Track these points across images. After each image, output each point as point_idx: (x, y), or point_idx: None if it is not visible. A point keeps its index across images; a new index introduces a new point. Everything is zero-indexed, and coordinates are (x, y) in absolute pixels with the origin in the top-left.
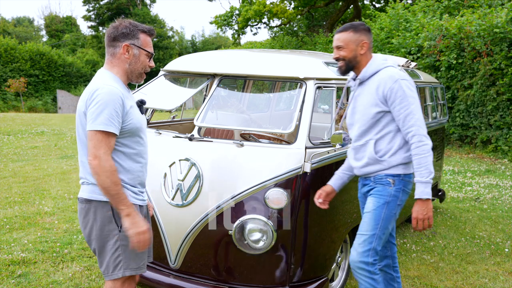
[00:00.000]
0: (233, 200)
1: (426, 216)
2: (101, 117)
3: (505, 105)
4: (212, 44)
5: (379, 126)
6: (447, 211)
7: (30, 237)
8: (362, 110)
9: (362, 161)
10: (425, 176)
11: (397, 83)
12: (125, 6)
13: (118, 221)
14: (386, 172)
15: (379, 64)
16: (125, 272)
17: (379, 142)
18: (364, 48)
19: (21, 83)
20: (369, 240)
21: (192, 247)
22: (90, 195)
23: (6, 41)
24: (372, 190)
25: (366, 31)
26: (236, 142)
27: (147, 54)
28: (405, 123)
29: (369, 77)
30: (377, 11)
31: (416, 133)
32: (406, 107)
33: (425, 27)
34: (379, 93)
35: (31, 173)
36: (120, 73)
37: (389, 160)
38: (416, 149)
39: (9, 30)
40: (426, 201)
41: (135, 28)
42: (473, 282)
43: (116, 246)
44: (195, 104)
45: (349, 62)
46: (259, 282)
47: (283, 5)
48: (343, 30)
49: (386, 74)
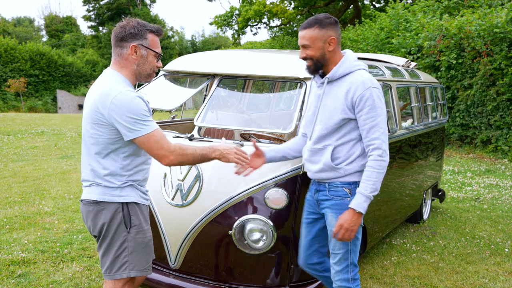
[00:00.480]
0: (233, 200)
1: (352, 227)
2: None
3: (505, 105)
4: (212, 44)
5: (340, 132)
6: (447, 211)
7: (30, 237)
8: (327, 113)
9: (317, 165)
10: (369, 190)
11: (368, 91)
12: (125, 6)
13: (128, 223)
14: (341, 180)
15: (351, 65)
16: (131, 273)
17: (338, 149)
18: (332, 45)
19: (21, 83)
20: (344, 257)
21: (192, 247)
22: (101, 197)
23: (6, 41)
24: (329, 203)
25: (333, 25)
26: (236, 142)
27: (155, 54)
28: (369, 134)
29: (338, 78)
30: (377, 11)
31: (378, 147)
32: (373, 118)
33: (425, 27)
34: (347, 99)
35: (31, 173)
36: (129, 75)
37: (345, 168)
38: (373, 162)
39: (9, 30)
40: (358, 214)
41: (143, 28)
42: (473, 282)
43: (123, 247)
44: (195, 104)
45: (317, 62)
46: (259, 282)
47: (283, 5)
48: (307, 27)
49: (358, 79)
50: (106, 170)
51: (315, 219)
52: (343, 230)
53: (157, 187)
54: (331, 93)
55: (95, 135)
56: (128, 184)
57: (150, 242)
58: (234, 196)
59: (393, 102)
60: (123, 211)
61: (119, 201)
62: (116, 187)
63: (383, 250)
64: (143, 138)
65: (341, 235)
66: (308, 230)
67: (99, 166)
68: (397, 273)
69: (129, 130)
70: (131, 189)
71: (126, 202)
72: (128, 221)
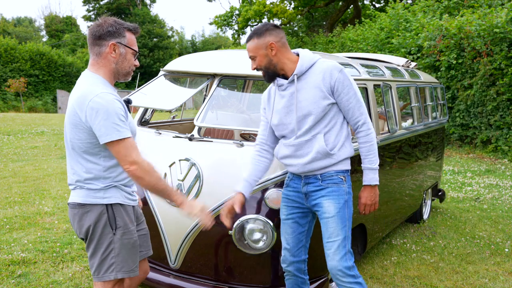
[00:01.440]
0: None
1: (373, 201)
2: (114, 127)
3: (505, 105)
4: (212, 44)
5: (327, 118)
6: (447, 211)
7: (30, 237)
8: (309, 105)
9: (307, 157)
10: (375, 162)
11: (342, 73)
12: (125, 6)
13: (113, 224)
14: (335, 169)
15: (312, 57)
16: (118, 275)
17: (328, 136)
18: (274, 49)
19: (21, 83)
20: (342, 244)
21: (192, 247)
22: (85, 199)
23: (6, 41)
24: (325, 191)
25: (270, 31)
26: (236, 142)
27: (133, 52)
28: (354, 112)
29: (306, 71)
30: (377, 11)
31: (364, 122)
32: (354, 96)
33: (425, 27)
34: (326, 85)
35: (31, 173)
36: (107, 74)
37: (338, 153)
38: (366, 137)
39: (9, 30)
40: (374, 187)
41: (121, 26)
42: (473, 282)
43: (110, 249)
44: (195, 104)
45: (266, 69)
46: (259, 282)
47: (283, 5)
48: (248, 40)
49: (327, 65)
50: (89, 174)
51: (301, 214)
52: (368, 206)
53: None
54: (304, 86)
55: (75, 138)
56: (112, 185)
57: (136, 243)
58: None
59: (393, 102)
60: (108, 213)
61: (103, 202)
62: (99, 189)
63: (383, 250)
64: (114, 143)
65: (367, 211)
66: (295, 226)
67: (82, 169)
68: (397, 273)
69: (103, 134)
70: (115, 190)
71: (111, 203)
72: (113, 223)
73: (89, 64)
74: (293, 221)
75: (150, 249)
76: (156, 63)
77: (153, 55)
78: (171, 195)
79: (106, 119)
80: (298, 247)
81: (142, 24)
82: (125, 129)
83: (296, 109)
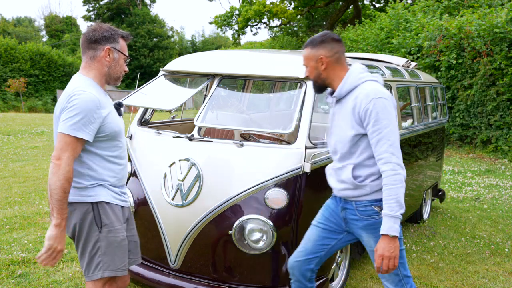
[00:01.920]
0: (233, 200)
1: (392, 254)
2: (73, 122)
3: (505, 105)
4: (212, 44)
5: (358, 150)
6: (447, 211)
7: (30, 237)
8: (340, 132)
9: (342, 185)
10: (395, 210)
11: (371, 103)
12: (125, 6)
13: (99, 222)
14: (368, 198)
15: (356, 79)
16: (104, 273)
17: (359, 167)
18: (324, 64)
19: (21, 83)
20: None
21: (192, 247)
22: (71, 198)
23: (6, 41)
24: (361, 224)
25: (325, 43)
26: (236, 142)
27: (125, 58)
28: (376, 148)
29: (345, 95)
30: (377, 11)
31: (388, 161)
32: (379, 131)
33: (425, 27)
34: (355, 115)
35: (31, 173)
36: (98, 77)
37: (371, 184)
38: (387, 179)
39: (9, 30)
40: (393, 238)
41: (115, 33)
42: (473, 282)
43: (96, 247)
44: (195, 104)
45: (315, 82)
46: (259, 282)
47: (283, 5)
48: (304, 47)
49: (362, 93)
50: (76, 172)
51: (335, 230)
52: (386, 260)
53: (157, 187)
54: (341, 111)
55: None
56: (98, 184)
57: (123, 242)
58: (234, 196)
59: None
60: (93, 211)
61: (89, 201)
62: (85, 187)
63: None
64: (62, 134)
65: (385, 266)
66: (321, 236)
67: None
68: None
69: (62, 121)
70: (101, 189)
71: (96, 201)
72: (98, 221)
73: (81, 67)
74: (322, 230)
75: (139, 257)
76: (156, 63)
77: (153, 55)
78: (56, 210)
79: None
80: (313, 255)
81: (142, 24)
82: (82, 131)
83: (333, 133)
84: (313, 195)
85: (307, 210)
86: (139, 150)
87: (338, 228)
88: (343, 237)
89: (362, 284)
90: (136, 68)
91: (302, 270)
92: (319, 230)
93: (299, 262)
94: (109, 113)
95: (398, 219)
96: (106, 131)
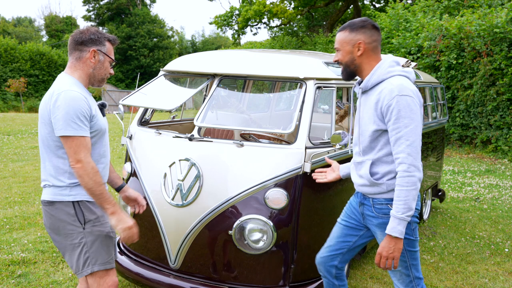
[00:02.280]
0: (233, 200)
1: (391, 255)
2: (71, 123)
3: (505, 105)
4: (212, 44)
5: (378, 146)
6: (447, 211)
7: (30, 237)
8: (362, 125)
9: (360, 180)
10: (401, 211)
11: (394, 100)
12: (125, 6)
13: (81, 219)
14: (384, 197)
15: (384, 72)
16: (94, 268)
17: (377, 164)
18: (361, 50)
19: (21, 83)
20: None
21: (192, 247)
22: (53, 197)
23: (6, 41)
24: (376, 221)
25: (365, 29)
26: (236, 142)
27: (110, 61)
28: (394, 147)
29: (371, 87)
30: (377, 11)
31: (403, 161)
32: (398, 130)
33: (425, 27)
34: (377, 110)
35: (31, 173)
36: (83, 77)
37: (388, 183)
38: (399, 179)
39: (9, 30)
40: (395, 239)
41: (102, 36)
42: (473, 282)
43: (82, 244)
44: (195, 104)
45: (346, 67)
46: (259, 282)
47: (283, 5)
48: (340, 30)
49: (387, 88)
50: (56, 168)
51: (355, 227)
52: (383, 259)
53: (157, 187)
54: (366, 103)
55: (45, 133)
56: (77, 184)
57: (110, 234)
58: (234, 196)
59: None
60: (75, 209)
61: (69, 200)
62: (66, 186)
63: None
64: (68, 138)
65: (382, 265)
66: (343, 233)
67: (51, 165)
68: None
69: (59, 127)
70: (81, 188)
71: (77, 200)
72: (81, 218)
73: (66, 67)
74: (344, 227)
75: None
76: (156, 63)
77: (153, 55)
78: (104, 203)
79: (65, 114)
80: (335, 252)
81: (142, 24)
82: (82, 128)
83: (358, 125)
84: (313, 195)
85: (307, 210)
86: (139, 150)
87: (359, 224)
88: (364, 233)
89: (362, 284)
90: (136, 68)
91: (326, 266)
92: (341, 227)
93: (324, 258)
94: (95, 110)
95: (404, 221)
96: (94, 127)
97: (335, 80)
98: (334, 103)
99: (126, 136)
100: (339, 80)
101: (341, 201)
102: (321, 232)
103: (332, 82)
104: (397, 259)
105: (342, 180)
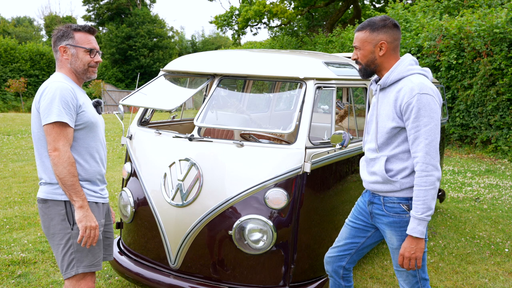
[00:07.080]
0: (233, 200)
1: (413, 255)
2: (53, 110)
3: (505, 105)
4: (212, 44)
5: (394, 142)
6: (447, 211)
7: (30, 237)
8: (379, 122)
9: (372, 177)
10: (420, 211)
11: (414, 98)
12: (125, 6)
13: (71, 219)
14: (397, 195)
15: (404, 70)
16: (79, 270)
17: (392, 160)
18: (383, 50)
19: (21, 83)
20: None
21: (192, 247)
22: (46, 195)
23: (6, 41)
24: (387, 220)
25: (387, 28)
26: (236, 142)
27: (85, 50)
28: (413, 146)
29: (390, 84)
30: (377, 11)
31: (420, 161)
32: (417, 128)
33: (425, 27)
34: (396, 107)
35: (31, 173)
36: (68, 73)
37: (402, 181)
38: (418, 179)
39: (9, 30)
40: (416, 239)
41: (68, 29)
42: (473, 282)
43: (69, 244)
44: (195, 104)
45: (366, 66)
46: (259, 282)
47: (283, 5)
48: (360, 29)
49: (407, 85)
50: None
51: (363, 228)
52: (406, 260)
53: (157, 187)
54: (384, 100)
55: (35, 131)
56: None
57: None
58: (234, 196)
59: None
60: (66, 208)
61: (62, 199)
62: (57, 184)
63: (383, 250)
64: (50, 125)
65: (406, 266)
66: (351, 234)
67: (43, 163)
68: None
69: (44, 115)
70: None
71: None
72: (70, 218)
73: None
74: (352, 228)
75: (111, 254)
76: (156, 63)
77: (153, 55)
78: (74, 195)
79: (50, 102)
80: (344, 253)
81: (142, 24)
82: (64, 115)
83: (372, 122)
84: (313, 195)
85: (307, 210)
86: (139, 150)
87: (366, 225)
88: (372, 234)
89: (362, 284)
90: (136, 68)
91: (334, 266)
92: (349, 228)
93: (332, 258)
94: (84, 103)
95: (424, 221)
96: (82, 119)
97: (335, 80)
98: (334, 103)
99: (126, 136)
100: (339, 80)
101: (341, 201)
102: (321, 232)
103: (332, 82)
104: (420, 259)
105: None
